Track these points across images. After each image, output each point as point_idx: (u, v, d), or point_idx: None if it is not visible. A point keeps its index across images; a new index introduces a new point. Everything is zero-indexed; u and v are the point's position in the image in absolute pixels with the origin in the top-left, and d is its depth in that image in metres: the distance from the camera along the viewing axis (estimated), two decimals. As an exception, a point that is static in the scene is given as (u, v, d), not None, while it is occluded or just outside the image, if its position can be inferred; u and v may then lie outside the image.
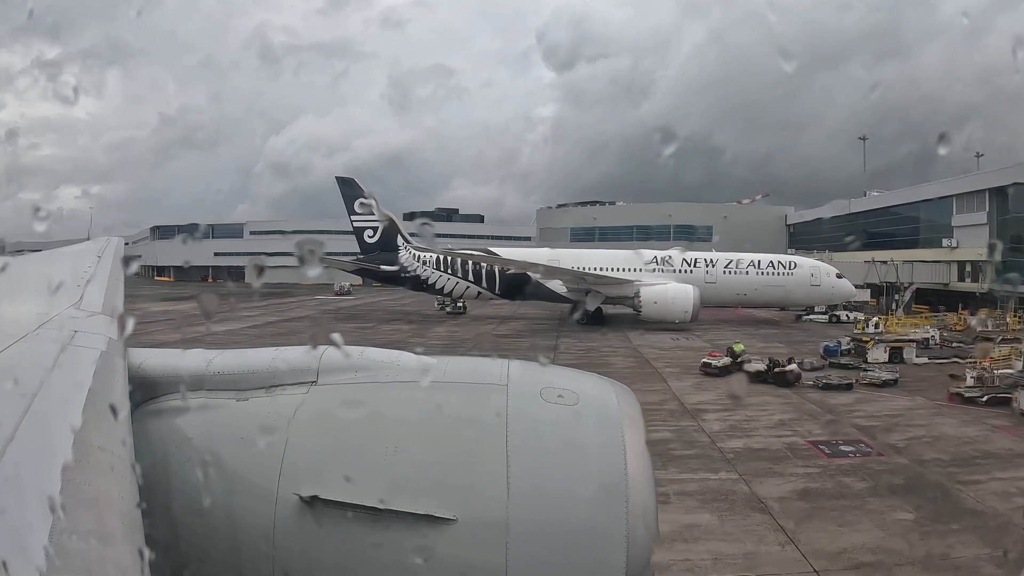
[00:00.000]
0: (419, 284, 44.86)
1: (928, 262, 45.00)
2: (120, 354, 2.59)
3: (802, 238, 73.31)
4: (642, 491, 2.27)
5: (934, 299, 45.37)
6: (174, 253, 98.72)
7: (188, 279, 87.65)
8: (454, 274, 43.20)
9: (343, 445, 2.38)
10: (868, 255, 47.35)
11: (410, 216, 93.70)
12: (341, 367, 2.59)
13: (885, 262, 43.60)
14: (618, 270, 39.26)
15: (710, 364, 22.77)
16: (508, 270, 39.58)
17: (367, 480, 2.24)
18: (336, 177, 49.08)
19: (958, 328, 35.95)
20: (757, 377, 21.35)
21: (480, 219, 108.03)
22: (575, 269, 38.22)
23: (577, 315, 40.69)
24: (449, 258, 43.29)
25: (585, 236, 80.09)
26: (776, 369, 21.30)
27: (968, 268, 46.30)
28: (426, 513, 2.15)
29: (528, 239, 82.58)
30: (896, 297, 42.50)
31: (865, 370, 23.30)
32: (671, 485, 11.97)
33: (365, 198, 46.38)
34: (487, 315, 45.85)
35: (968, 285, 44.06)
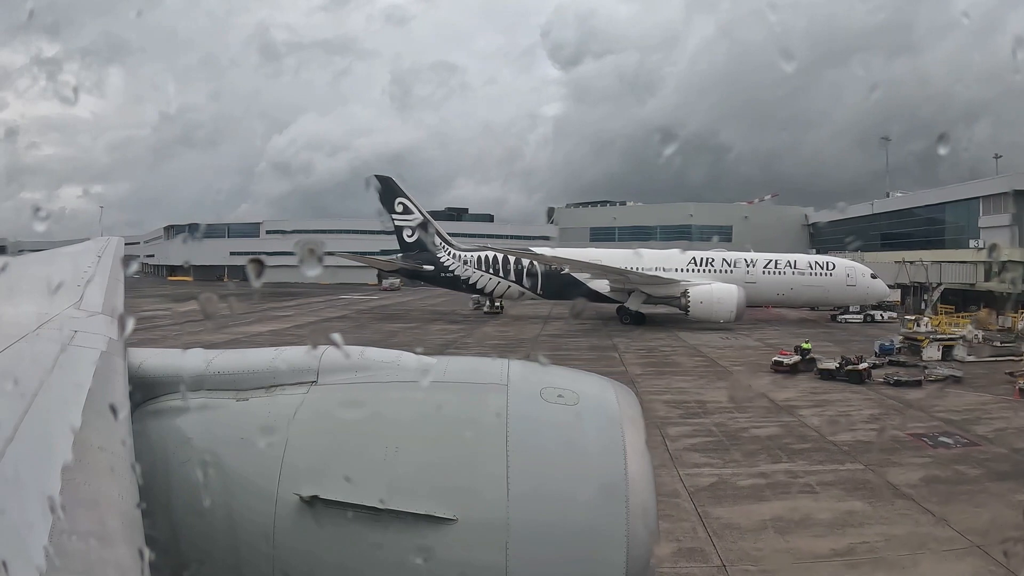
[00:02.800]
0: (459, 283, 45.69)
1: (957, 262, 46.17)
2: (120, 354, 2.60)
3: (822, 239, 74.27)
4: (642, 491, 2.27)
5: (957, 299, 46.55)
6: (190, 252, 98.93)
7: (207, 278, 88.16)
8: (496, 273, 44.07)
9: (343, 445, 2.39)
10: (897, 255, 48.53)
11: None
12: (341, 367, 2.60)
13: (914, 262, 44.79)
14: (661, 270, 40.24)
15: (781, 362, 23.79)
16: (563, 270, 40.40)
17: (367, 480, 2.24)
18: (374, 176, 49.62)
19: (992, 327, 37.08)
20: (828, 374, 22.48)
21: (490, 219, 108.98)
22: (632, 269, 38.92)
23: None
24: (491, 257, 44.15)
25: (605, 236, 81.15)
26: (848, 367, 22.34)
27: (996, 269, 47.42)
28: (426, 513, 2.17)
29: (547, 239, 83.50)
30: (925, 297, 43.70)
31: (926, 367, 24.40)
32: (810, 476, 13.02)
33: (405, 198, 47.14)
34: (525, 315, 46.66)
35: (996, 285, 45.24)
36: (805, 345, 24.66)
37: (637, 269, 39.14)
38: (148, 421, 2.49)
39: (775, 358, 24.31)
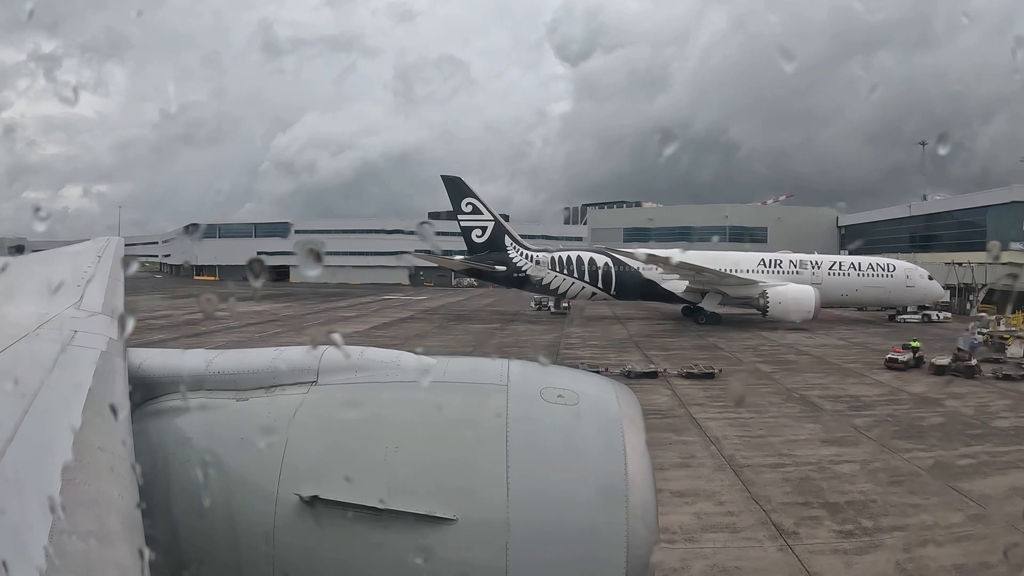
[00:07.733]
0: (531, 284, 47.64)
1: (1000, 264, 49.01)
2: (120, 354, 2.61)
3: (856, 241, 76.61)
4: (642, 491, 2.30)
5: (997, 299, 49.35)
6: (212, 251, 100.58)
7: (232, 278, 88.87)
8: (570, 274, 46.16)
9: (343, 445, 2.42)
10: (932, 257, 51.42)
11: (436, 215, 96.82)
12: (341, 367, 2.64)
13: (962, 264, 47.66)
14: (734, 271, 42.60)
15: (896, 359, 26.28)
16: (658, 269, 42.47)
17: (367, 480, 2.28)
18: (442, 176, 51.23)
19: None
20: (941, 370, 25.02)
21: (505, 219, 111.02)
22: (719, 270, 41.07)
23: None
24: (564, 258, 46.25)
25: (639, 237, 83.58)
26: (962, 363, 24.88)
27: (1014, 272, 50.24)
28: (426, 513, 2.20)
29: (580, 239, 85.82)
30: (971, 298, 46.60)
31: (1020, 363, 26.97)
32: (1008, 455, 15.39)
33: (474, 198, 49.09)
34: (595, 316, 48.65)
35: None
36: (914, 344, 27.20)
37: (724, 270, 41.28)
38: (148, 421, 2.54)
39: (889, 355, 26.78)
